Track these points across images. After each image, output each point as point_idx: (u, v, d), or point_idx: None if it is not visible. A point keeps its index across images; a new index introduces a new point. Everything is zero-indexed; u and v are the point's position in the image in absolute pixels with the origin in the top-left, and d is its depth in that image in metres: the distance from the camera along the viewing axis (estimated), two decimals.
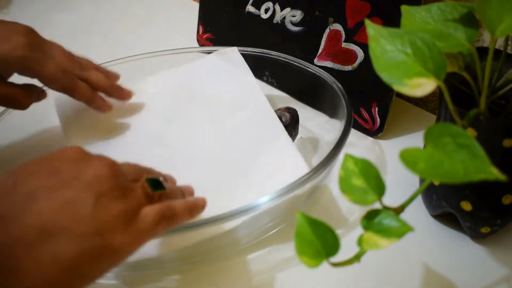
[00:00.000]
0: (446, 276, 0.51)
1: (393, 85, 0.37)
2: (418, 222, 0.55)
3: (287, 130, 0.60)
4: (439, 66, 0.38)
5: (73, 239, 0.35)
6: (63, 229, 0.35)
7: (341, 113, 0.60)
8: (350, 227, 0.56)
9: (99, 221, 0.37)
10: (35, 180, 0.37)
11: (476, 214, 0.51)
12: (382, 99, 0.66)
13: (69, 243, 0.35)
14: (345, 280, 0.51)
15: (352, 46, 0.68)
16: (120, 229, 0.37)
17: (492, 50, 0.41)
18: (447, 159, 0.35)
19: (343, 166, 0.40)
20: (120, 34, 0.92)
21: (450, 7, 0.45)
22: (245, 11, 0.77)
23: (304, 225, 0.38)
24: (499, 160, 0.43)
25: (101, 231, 0.36)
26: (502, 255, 0.53)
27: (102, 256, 0.36)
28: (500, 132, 0.46)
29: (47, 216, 0.35)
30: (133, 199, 0.40)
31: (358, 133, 0.68)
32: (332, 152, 0.53)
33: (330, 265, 0.37)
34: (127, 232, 0.38)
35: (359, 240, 0.38)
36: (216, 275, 0.52)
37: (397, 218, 0.37)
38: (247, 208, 0.49)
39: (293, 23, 0.73)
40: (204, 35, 0.83)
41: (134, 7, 1.00)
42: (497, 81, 0.48)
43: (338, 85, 0.62)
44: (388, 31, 0.40)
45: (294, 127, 0.62)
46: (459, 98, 0.48)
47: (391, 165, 0.63)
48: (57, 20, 0.96)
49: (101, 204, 0.37)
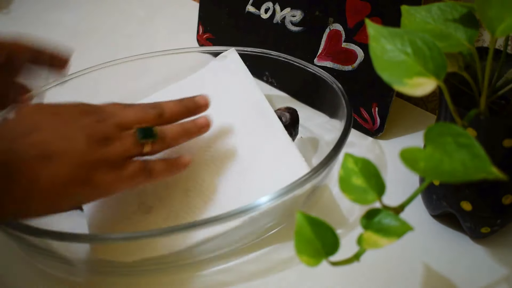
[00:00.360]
0: (446, 276, 0.51)
1: (393, 85, 0.37)
2: (418, 222, 0.54)
3: (287, 130, 0.60)
4: (439, 66, 0.38)
5: (66, 166, 0.43)
6: (60, 156, 0.43)
7: (341, 113, 0.60)
8: (350, 226, 0.56)
9: (87, 159, 0.44)
10: (40, 116, 0.45)
11: (476, 214, 0.51)
12: (382, 99, 0.66)
13: (63, 167, 0.43)
14: (345, 279, 0.51)
15: (352, 46, 0.68)
16: (102, 171, 0.45)
17: (492, 50, 0.41)
18: (447, 159, 0.35)
19: (343, 165, 0.40)
20: (120, 34, 0.92)
21: (450, 7, 0.45)
22: (245, 11, 0.77)
23: (304, 224, 0.38)
24: (499, 160, 0.43)
25: (87, 166, 0.44)
26: (502, 255, 0.53)
27: (84, 186, 0.44)
28: (500, 132, 0.46)
29: (48, 143, 0.43)
30: (120, 147, 0.46)
31: (358, 133, 0.68)
32: (332, 152, 0.53)
33: (330, 264, 0.37)
34: (107, 175, 0.45)
35: (359, 239, 0.38)
36: (216, 275, 0.52)
37: (397, 218, 0.37)
38: (247, 208, 0.49)
39: (293, 23, 0.73)
40: (204, 35, 0.83)
41: (134, 7, 1.00)
42: (497, 81, 0.48)
43: (338, 85, 0.62)
44: (388, 30, 0.40)
45: (294, 127, 0.62)
46: (459, 98, 0.48)
47: (391, 165, 0.63)
48: (57, 20, 0.96)
49: (91, 145, 0.44)
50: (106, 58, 0.71)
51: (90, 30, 0.94)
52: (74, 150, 0.44)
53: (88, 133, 0.45)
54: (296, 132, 0.63)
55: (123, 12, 0.99)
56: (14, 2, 1.01)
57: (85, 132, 0.45)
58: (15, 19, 0.96)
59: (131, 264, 0.52)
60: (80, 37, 0.92)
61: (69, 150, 0.43)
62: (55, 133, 0.44)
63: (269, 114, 0.61)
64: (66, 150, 0.43)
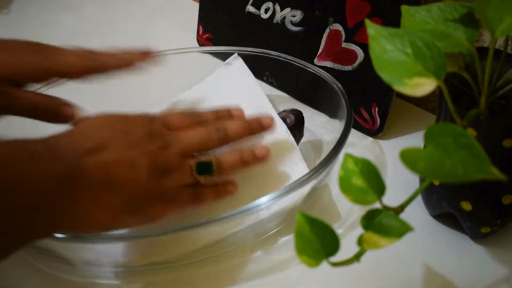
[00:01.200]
0: (446, 276, 0.51)
1: (393, 85, 0.37)
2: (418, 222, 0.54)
3: (292, 132, 0.59)
4: (439, 66, 0.38)
5: (125, 196, 0.44)
6: (121, 185, 0.44)
7: (341, 113, 0.60)
8: (350, 227, 0.56)
9: (145, 191, 0.45)
10: (107, 132, 0.45)
11: (476, 214, 0.51)
12: (382, 99, 0.66)
13: (122, 197, 0.44)
14: (345, 280, 0.51)
15: (352, 46, 0.68)
16: (156, 201, 0.46)
17: (492, 50, 0.41)
18: (447, 159, 0.35)
19: (343, 165, 0.40)
20: (120, 34, 0.92)
21: (450, 7, 0.45)
22: (245, 11, 0.77)
23: (304, 224, 0.38)
24: (499, 160, 0.43)
25: (144, 198, 0.45)
26: (502, 255, 0.53)
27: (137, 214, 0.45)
28: (500, 132, 0.46)
29: (113, 166, 0.43)
30: (177, 180, 0.47)
31: (358, 133, 0.68)
32: (332, 152, 0.53)
33: (330, 265, 0.37)
34: (160, 205, 0.46)
35: (359, 239, 0.38)
36: (216, 275, 0.52)
37: (397, 218, 0.37)
38: (247, 208, 0.49)
39: (293, 23, 0.73)
40: (204, 35, 0.83)
41: (134, 7, 1.00)
42: (497, 81, 0.48)
43: (338, 85, 0.62)
44: (388, 31, 0.40)
45: (299, 129, 0.62)
46: (459, 98, 0.48)
47: (391, 165, 0.63)
48: (57, 20, 0.96)
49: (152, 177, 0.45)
50: None
51: (90, 30, 0.94)
52: (135, 181, 0.44)
53: (151, 162, 0.45)
54: (302, 134, 0.63)
55: (123, 12, 0.99)
56: (14, 2, 1.01)
57: (149, 160, 0.45)
58: (15, 19, 0.96)
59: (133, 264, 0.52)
60: (80, 37, 0.91)
61: (131, 180, 0.44)
62: (121, 155, 0.44)
63: (272, 115, 0.61)
64: (127, 179, 0.44)
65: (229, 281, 0.51)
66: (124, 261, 0.51)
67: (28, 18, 0.97)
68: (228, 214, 0.48)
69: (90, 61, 0.53)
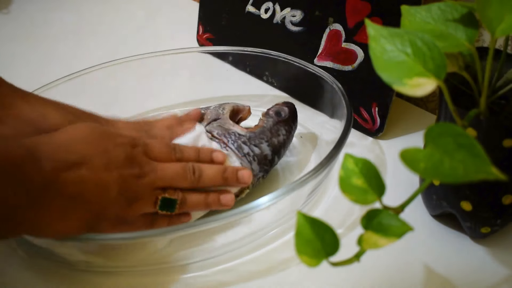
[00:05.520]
0: (446, 276, 0.51)
1: (393, 85, 0.37)
2: (418, 222, 0.54)
3: (287, 125, 0.59)
4: (439, 66, 0.38)
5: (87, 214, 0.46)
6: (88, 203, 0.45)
7: (341, 113, 0.60)
8: (350, 227, 0.56)
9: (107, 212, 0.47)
10: (90, 149, 0.47)
11: (476, 214, 0.51)
12: (382, 99, 0.66)
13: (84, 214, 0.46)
14: (345, 279, 0.51)
15: (352, 46, 0.68)
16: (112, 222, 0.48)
17: (492, 50, 0.41)
18: (447, 159, 0.35)
19: (343, 165, 0.40)
20: (120, 34, 0.92)
21: (450, 7, 0.45)
22: (245, 11, 0.77)
23: (304, 224, 0.38)
24: (499, 160, 0.43)
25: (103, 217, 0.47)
26: (502, 255, 0.53)
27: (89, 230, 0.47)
28: (500, 132, 0.46)
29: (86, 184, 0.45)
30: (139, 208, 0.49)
31: (358, 133, 0.68)
32: (332, 152, 0.53)
33: (330, 265, 0.37)
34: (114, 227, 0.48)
35: (359, 239, 0.38)
36: (216, 276, 0.52)
37: (397, 218, 0.37)
38: (247, 208, 0.49)
39: (293, 23, 0.73)
40: (204, 35, 0.83)
41: (134, 7, 1.00)
42: (497, 81, 0.48)
43: (338, 85, 0.62)
44: (388, 31, 0.40)
45: (293, 121, 0.62)
46: (459, 98, 0.48)
47: (391, 165, 0.63)
48: (57, 20, 0.96)
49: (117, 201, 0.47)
50: (106, 58, 0.71)
51: (90, 30, 0.94)
52: (102, 201, 0.46)
53: (121, 189, 0.47)
54: (295, 126, 0.62)
55: (123, 12, 0.99)
56: (14, 2, 1.01)
57: (121, 186, 0.47)
58: (15, 19, 0.96)
59: (132, 264, 0.52)
60: (80, 37, 0.92)
61: (100, 200, 0.46)
62: (97, 175, 0.46)
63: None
64: (97, 198, 0.46)
65: (229, 281, 0.51)
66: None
67: (28, 17, 0.97)
68: (228, 214, 0.48)
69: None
